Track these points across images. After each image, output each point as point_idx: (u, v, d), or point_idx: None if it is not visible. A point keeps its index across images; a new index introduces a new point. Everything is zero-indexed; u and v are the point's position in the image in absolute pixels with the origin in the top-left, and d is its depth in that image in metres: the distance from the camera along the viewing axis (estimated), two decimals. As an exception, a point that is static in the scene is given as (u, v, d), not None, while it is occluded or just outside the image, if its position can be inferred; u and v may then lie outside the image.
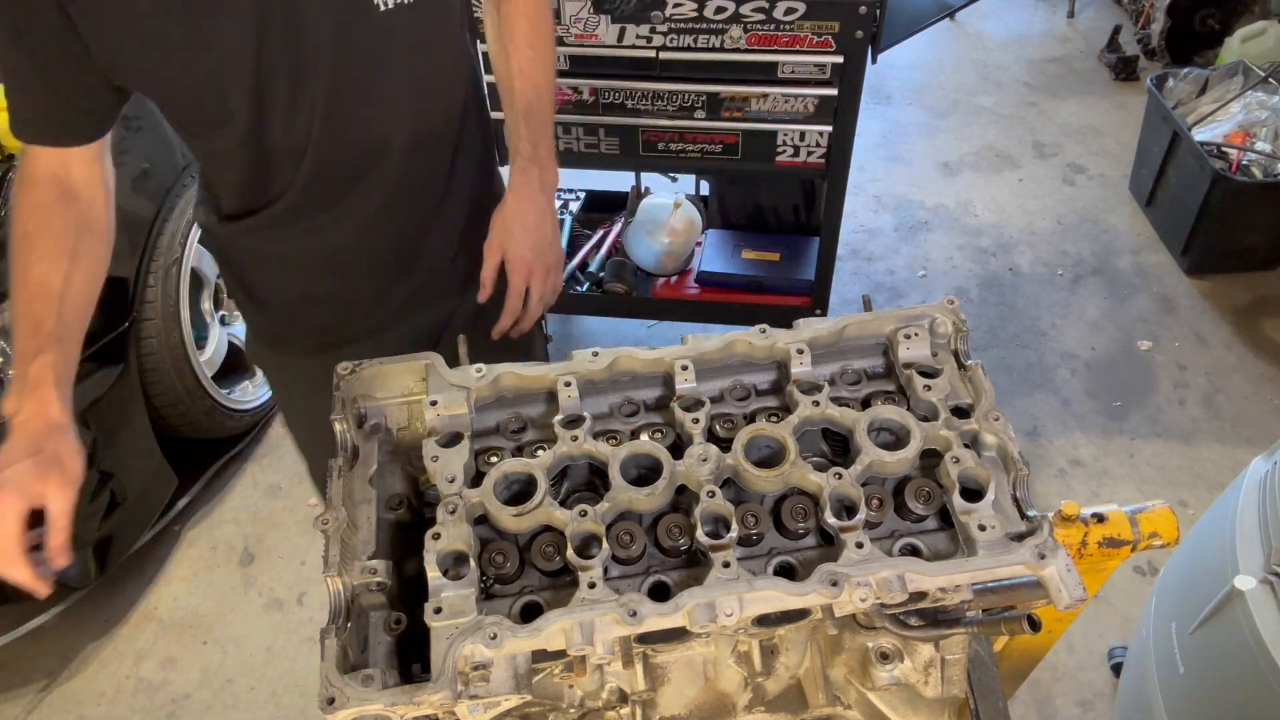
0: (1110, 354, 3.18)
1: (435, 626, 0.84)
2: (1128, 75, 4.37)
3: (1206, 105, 3.38)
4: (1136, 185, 3.71)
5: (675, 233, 2.86)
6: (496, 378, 1.03)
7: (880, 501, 0.97)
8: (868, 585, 0.86)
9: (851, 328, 1.07)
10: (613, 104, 2.36)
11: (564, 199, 3.23)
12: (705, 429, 1.00)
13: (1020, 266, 3.52)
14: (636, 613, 0.84)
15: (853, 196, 3.60)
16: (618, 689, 1.01)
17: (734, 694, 1.03)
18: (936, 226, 3.71)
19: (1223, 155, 3.18)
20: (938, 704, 1.02)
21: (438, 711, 0.82)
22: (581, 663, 0.88)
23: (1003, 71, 4.51)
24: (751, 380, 1.09)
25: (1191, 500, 2.72)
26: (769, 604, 0.86)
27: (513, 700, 0.84)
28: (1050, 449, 2.89)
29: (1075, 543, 1.29)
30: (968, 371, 1.04)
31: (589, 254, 2.97)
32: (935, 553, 0.94)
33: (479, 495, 0.93)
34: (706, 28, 2.20)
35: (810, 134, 2.36)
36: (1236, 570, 1.42)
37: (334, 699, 0.80)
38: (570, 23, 2.22)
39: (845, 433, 0.99)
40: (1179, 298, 3.35)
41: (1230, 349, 3.16)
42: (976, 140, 4.12)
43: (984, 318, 3.30)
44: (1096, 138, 4.08)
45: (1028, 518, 0.92)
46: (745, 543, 0.95)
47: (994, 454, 0.98)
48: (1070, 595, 0.88)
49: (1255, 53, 3.65)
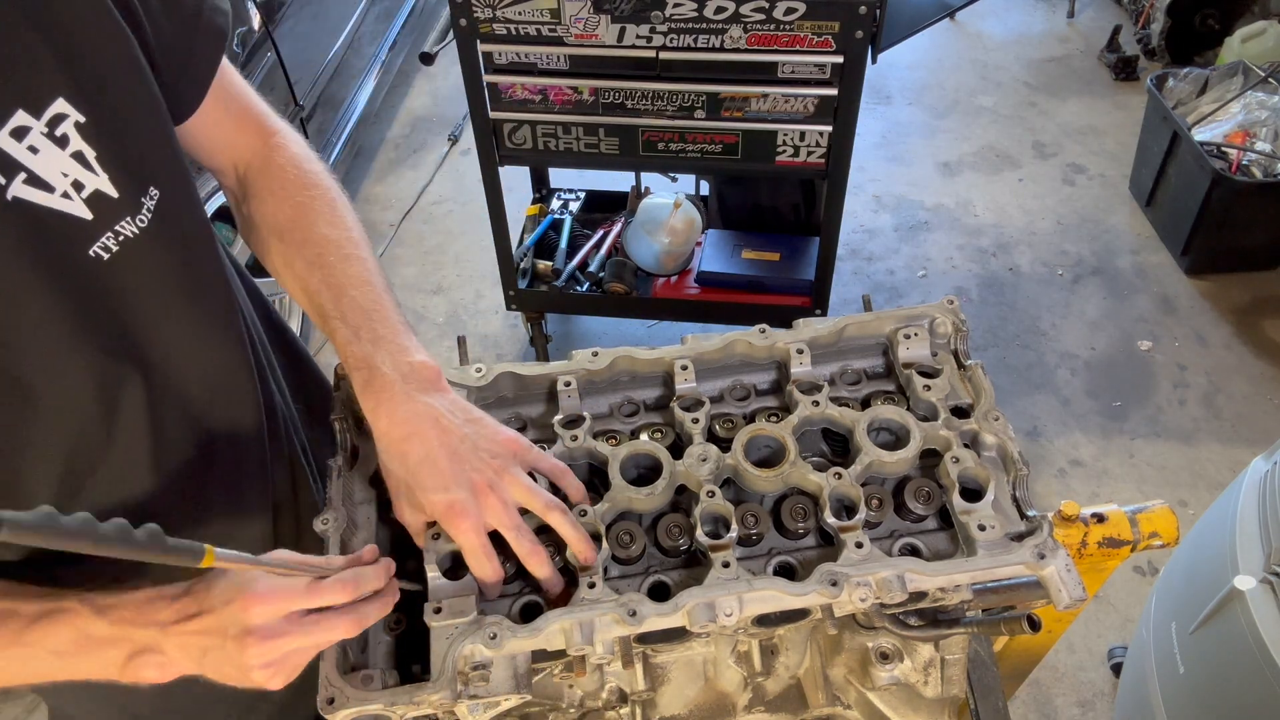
0: (1110, 354, 3.18)
1: (435, 626, 0.84)
2: (1128, 75, 4.37)
3: (1206, 105, 3.38)
4: (1136, 185, 3.71)
5: (675, 233, 2.86)
6: (496, 378, 1.03)
7: (880, 501, 0.97)
8: (868, 585, 0.86)
9: (851, 328, 1.07)
10: (613, 104, 2.36)
11: (564, 199, 3.24)
12: (705, 429, 1.00)
13: (1020, 266, 3.52)
14: (636, 613, 0.84)
15: (853, 196, 3.60)
16: (618, 689, 1.01)
17: (734, 694, 1.03)
18: (936, 226, 3.71)
19: (1223, 155, 3.18)
20: (938, 704, 1.02)
21: (438, 711, 0.83)
22: (581, 663, 0.88)
23: (1003, 71, 4.51)
24: (751, 380, 1.09)
25: (1191, 500, 2.72)
26: (769, 604, 0.86)
27: (513, 700, 0.84)
28: (1050, 449, 2.89)
29: (1075, 543, 1.29)
30: (967, 371, 1.04)
31: (589, 254, 2.97)
32: (935, 553, 0.94)
33: (479, 495, 0.93)
34: (706, 28, 2.20)
35: (810, 134, 2.36)
36: (1236, 570, 1.42)
37: (334, 699, 0.81)
38: (570, 23, 2.22)
39: (845, 433, 0.99)
40: (1179, 298, 3.35)
41: (1230, 349, 3.16)
42: (976, 140, 4.12)
43: (984, 318, 3.30)
44: (1096, 138, 4.08)
45: (1028, 518, 0.92)
46: (745, 543, 0.95)
47: (994, 454, 0.98)
48: (1070, 595, 0.88)
49: (1255, 53, 3.65)
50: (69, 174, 0.81)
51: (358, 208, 1.17)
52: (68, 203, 0.81)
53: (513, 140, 2.48)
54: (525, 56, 2.31)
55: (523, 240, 3.05)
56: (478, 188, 2.68)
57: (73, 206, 0.82)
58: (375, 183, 4.01)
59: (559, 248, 3.01)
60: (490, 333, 3.37)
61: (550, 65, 2.32)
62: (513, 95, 2.38)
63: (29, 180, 0.78)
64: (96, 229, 0.84)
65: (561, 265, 2.95)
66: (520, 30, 2.25)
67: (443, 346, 3.29)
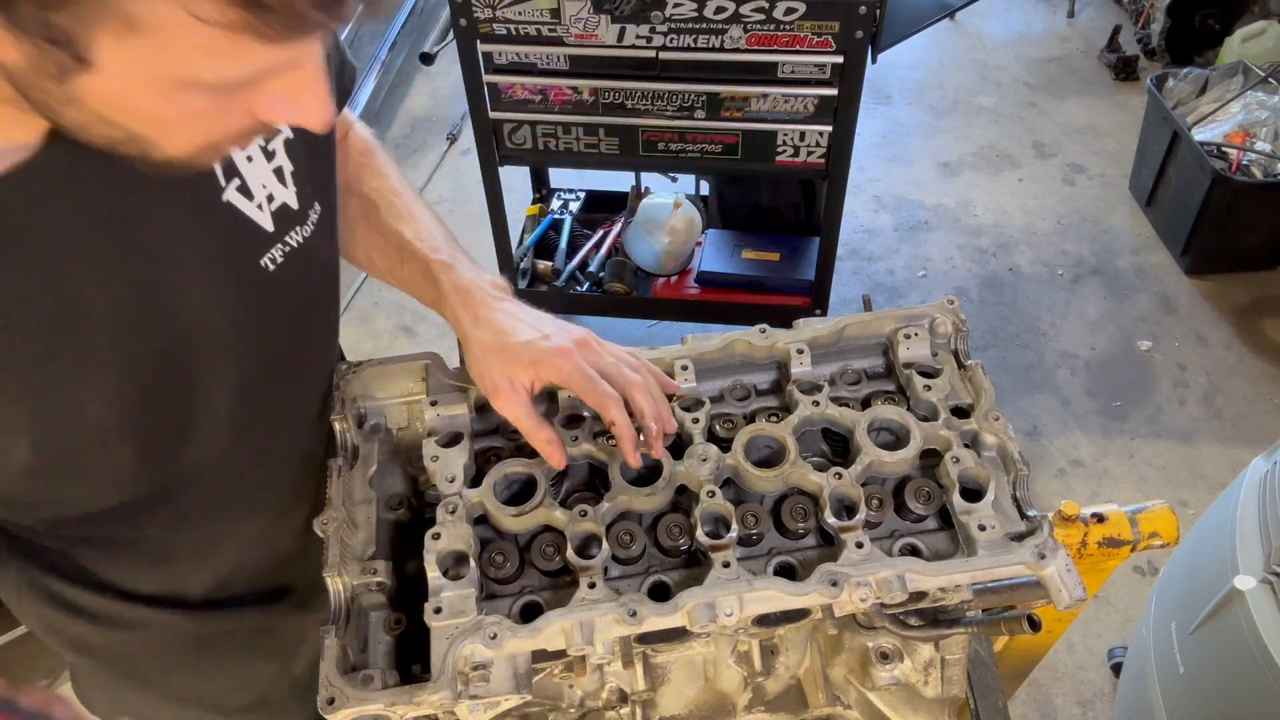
0: (1110, 354, 3.18)
1: (435, 626, 0.84)
2: (1128, 75, 4.36)
3: (1206, 105, 3.37)
4: (1136, 185, 3.71)
5: (675, 233, 2.86)
6: (496, 378, 1.03)
7: (880, 501, 0.97)
8: (868, 585, 0.86)
9: (851, 328, 1.07)
10: (613, 104, 2.36)
11: (564, 199, 3.24)
12: (705, 429, 1.00)
13: (1020, 266, 3.52)
14: (636, 613, 0.84)
15: (853, 196, 3.60)
16: (618, 689, 1.01)
17: (734, 694, 1.03)
18: (936, 226, 3.70)
19: (1223, 155, 3.18)
20: (938, 704, 1.02)
21: (438, 711, 0.82)
22: (581, 663, 0.88)
23: (1003, 71, 4.51)
24: (751, 380, 1.09)
25: (1191, 500, 2.72)
26: (769, 604, 0.86)
27: (513, 700, 0.84)
28: (1050, 449, 2.89)
29: (1075, 543, 1.29)
30: (968, 371, 1.04)
31: (589, 254, 2.97)
32: (935, 553, 0.94)
33: (479, 495, 0.93)
34: (706, 28, 2.20)
35: (810, 134, 2.36)
36: (1236, 570, 1.42)
37: (334, 699, 0.81)
38: (570, 23, 2.22)
39: (845, 433, 0.99)
40: (1179, 298, 3.35)
41: (1230, 349, 3.16)
42: (976, 140, 4.11)
43: (984, 318, 3.30)
44: (1096, 138, 4.07)
45: (1028, 518, 0.92)
46: (745, 543, 0.95)
47: (994, 454, 0.98)
48: (1070, 595, 0.88)
49: (1255, 53, 3.65)
50: (267, 186, 0.86)
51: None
52: (259, 213, 0.86)
53: (513, 140, 2.48)
54: (525, 56, 2.31)
55: (523, 240, 3.05)
56: (477, 188, 2.67)
57: (262, 218, 0.86)
58: (375, 183, 4.01)
59: (559, 248, 3.01)
60: (490, 333, 3.37)
61: (550, 65, 2.32)
62: (513, 95, 2.38)
63: (240, 188, 0.83)
64: (273, 240, 0.87)
65: (561, 265, 2.95)
66: (520, 30, 2.25)
67: (443, 346, 3.28)
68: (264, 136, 0.84)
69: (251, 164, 0.84)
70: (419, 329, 3.38)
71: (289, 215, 0.89)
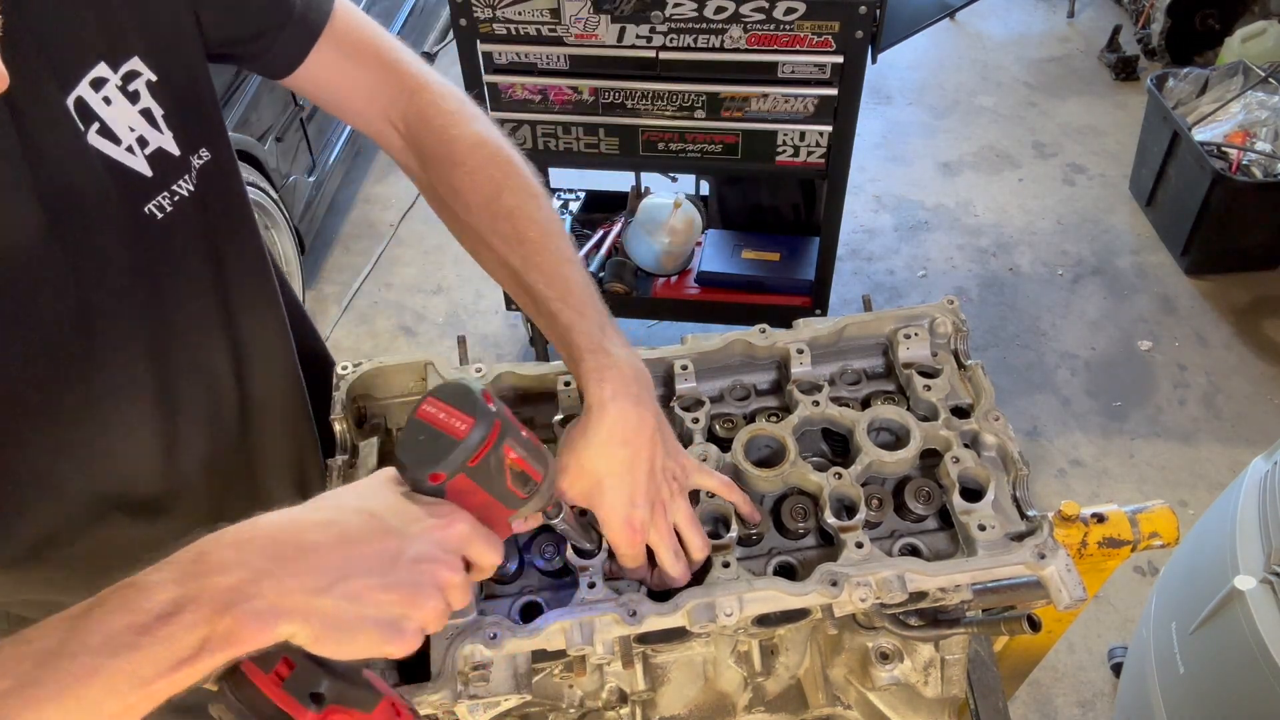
0: (1110, 354, 3.18)
1: (435, 626, 0.84)
2: (1128, 75, 4.37)
3: (1206, 105, 3.38)
4: (1136, 185, 3.71)
5: (675, 233, 2.86)
6: (497, 377, 1.03)
7: (880, 501, 0.97)
8: (868, 585, 0.86)
9: (851, 328, 1.07)
10: (613, 104, 2.36)
11: (564, 199, 3.24)
12: (705, 428, 1.00)
13: (1020, 266, 3.52)
14: (636, 613, 0.84)
15: (853, 196, 3.60)
16: (618, 689, 1.00)
17: (734, 694, 1.03)
18: (936, 226, 3.70)
19: (1223, 155, 3.18)
20: (938, 704, 1.02)
21: (438, 711, 0.82)
22: (581, 663, 0.88)
23: (1003, 71, 4.51)
24: (751, 380, 1.09)
25: (1191, 500, 2.72)
26: (769, 604, 0.86)
27: (513, 700, 0.84)
28: (1050, 449, 2.89)
29: (1075, 543, 1.29)
30: (968, 371, 1.04)
31: (589, 254, 2.97)
32: (935, 553, 0.94)
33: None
34: (706, 28, 2.20)
35: (810, 134, 2.36)
36: (1236, 570, 1.42)
37: (334, 699, 0.80)
38: (570, 23, 2.22)
39: (845, 433, 0.99)
40: (1179, 298, 3.35)
41: (1230, 349, 3.16)
42: (976, 140, 4.12)
43: (984, 318, 3.30)
44: (1096, 138, 4.08)
45: (1028, 518, 0.92)
46: (745, 543, 0.95)
47: (994, 454, 0.98)
48: (1070, 595, 0.88)
49: (1255, 53, 3.65)
50: (135, 129, 0.83)
51: (358, 208, 1.16)
52: (131, 157, 0.83)
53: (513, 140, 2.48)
54: (525, 56, 2.31)
55: (523, 240, 3.05)
56: (478, 188, 2.67)
57: (136, 162, 0.84)
58: (375, 183, 4.01)
59: (559, 248, 3.01)
60: (490, 333, 3.37)
61: (550, 65, 2.32)
62: (513, 95, 2.38)
63: (100, 131, 0.81)
64: (155, 186, 0.86)
65: (562, 265, 2.95)
66: (520, 30, 2.25)
67: (443, 346, 3.29)
68: (112, 70, 0.81)
69: (111, 106, 0.81)
70: (419, 329, 3.38)
71: (172, 162, 0.86)
